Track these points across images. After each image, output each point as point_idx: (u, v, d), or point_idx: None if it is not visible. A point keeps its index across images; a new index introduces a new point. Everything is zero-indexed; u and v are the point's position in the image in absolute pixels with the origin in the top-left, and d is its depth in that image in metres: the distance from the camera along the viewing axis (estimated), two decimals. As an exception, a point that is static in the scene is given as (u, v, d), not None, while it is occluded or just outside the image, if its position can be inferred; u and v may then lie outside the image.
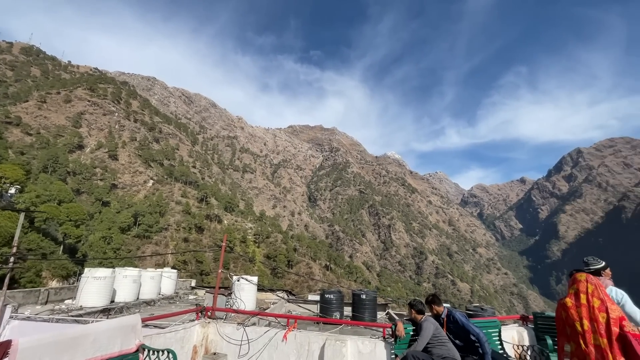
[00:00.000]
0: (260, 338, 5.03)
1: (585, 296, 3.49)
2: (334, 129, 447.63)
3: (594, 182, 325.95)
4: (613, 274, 4.17)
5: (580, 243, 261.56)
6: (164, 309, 16.43)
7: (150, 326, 5.85)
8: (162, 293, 19.75)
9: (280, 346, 4.92)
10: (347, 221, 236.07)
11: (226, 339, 5.19)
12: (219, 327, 5.29)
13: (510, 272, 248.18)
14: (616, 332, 3.21)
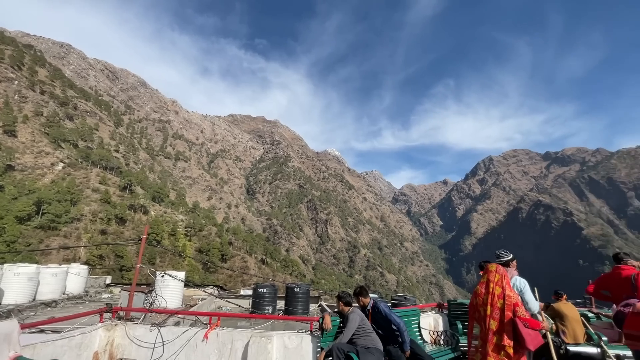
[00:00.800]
0: (177, 339, 4.57)
1: (492, 284, 3.87)
2: (276, 122, 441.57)
3: (500, 186, 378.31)
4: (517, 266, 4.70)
5: (486, 238, 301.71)
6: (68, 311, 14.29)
7: (47, 331, 4.88)
8: (68, 292, 17.17)
9: (200, 346, 4.55)
10: (285, 215, 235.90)
11: (137, 342, 4.59)
12: (129, 330, 4.66)
13: (431, 264, 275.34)
14: (509, 316, 3.62)
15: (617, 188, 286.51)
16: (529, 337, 3.52)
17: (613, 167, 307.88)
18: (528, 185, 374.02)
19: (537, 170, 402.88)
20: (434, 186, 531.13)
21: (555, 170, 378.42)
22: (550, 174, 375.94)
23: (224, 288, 23.91)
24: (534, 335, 3.60)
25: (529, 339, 3.51)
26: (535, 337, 3.60)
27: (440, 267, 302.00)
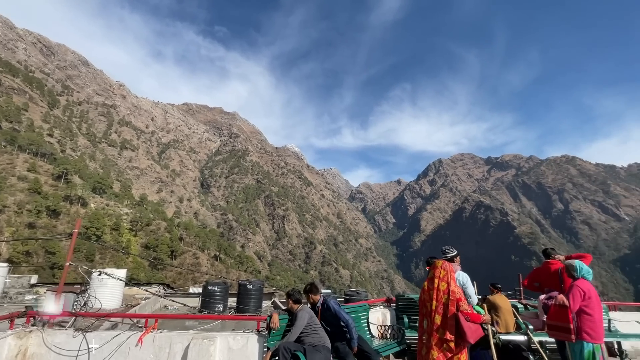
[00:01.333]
0: (106, 345, 4.09)
1: (437, 280, 3.95)
2: (235, 114, 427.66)
3: (447, 187, 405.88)
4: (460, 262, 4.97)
5: (434, 235, 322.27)
6: (-21, 315, 12.43)
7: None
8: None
9: (134, 352, 4.13)
10: (241, 210, 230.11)
11: (56, 350, 4.01)
12: (47, 337, 4.06)
13: (383, 260, 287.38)
14: (452, 311, 3.74)
15: (544, 192, 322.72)
16: (470, 331, 3.64)
17: (542, 173, 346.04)
18: (472, 187, 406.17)
19: (480, 173, 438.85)
20: (388, 185, 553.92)
21: (495, 174, 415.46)
22: (491, 178, 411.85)
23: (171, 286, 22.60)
24: (474, 328, 3.74)
25: (470, 333, 3.63)
26: (475, 330, 3.75)
27: (392, 263, 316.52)
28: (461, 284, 4.34)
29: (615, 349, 6.35)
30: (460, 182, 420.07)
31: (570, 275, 4.10)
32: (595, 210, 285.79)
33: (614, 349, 6.39)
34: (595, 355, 3.68)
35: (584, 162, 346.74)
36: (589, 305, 3.88)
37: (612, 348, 6.44)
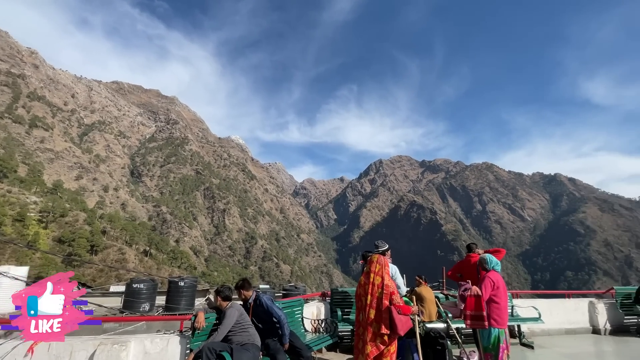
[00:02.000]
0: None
1: (373, 275, 4.00)
2: (174, 99, 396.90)
3: (386, 187, 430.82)
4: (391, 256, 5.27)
5: (371, 232, 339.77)
6: None
7: None
8: None
9: (21, 364, 3.51)
10: (177, 202, 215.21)
11: None
12: None
13: (323, 255, 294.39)
14: (385, 305, 3.80)
15: (467, 194, 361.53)
16: (400, 324, 3.75)
17: (466, 178, 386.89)
18: (407, 187, 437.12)
19: (415, 175, 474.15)
20: (332, 182, 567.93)
21: (428, 177, 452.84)
22: (424, 179, 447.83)
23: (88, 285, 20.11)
24: (404, 320, 3.84)
25: (400, 325, 3.74)
26: (405, 322, 3.85)
27: (331, 258, 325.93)
28: (391, 274, 4.67)
29: (516, 331, 7.29)
30: (398, 182, 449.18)
31: (483, 268, 4.59)
32: (506, 212, 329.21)
33: (514, 331, 7.33)
34: (500, 338, 4.13)
35: (500, 170, 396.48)
36: (497, 295, 4.29)
37: (513, 330, 7.38)
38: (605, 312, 8.35)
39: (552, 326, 7.95)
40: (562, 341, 7.37)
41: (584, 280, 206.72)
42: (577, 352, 6.52)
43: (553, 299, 8.69)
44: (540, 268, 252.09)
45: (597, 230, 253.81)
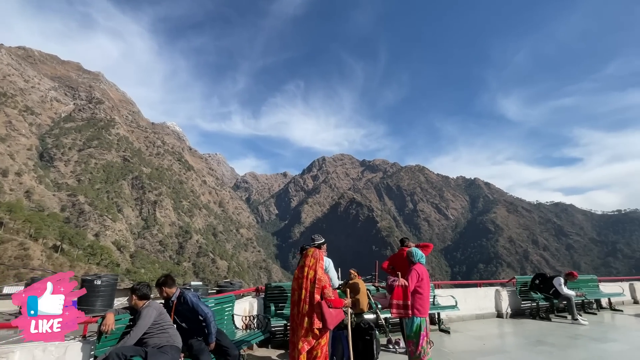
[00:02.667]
0: None
1: (307, 269, 3.98)
2: (99, 75, 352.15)
3: (328, 184, 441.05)
4: (329, 250, 5.33)
5: (312, 227, 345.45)
6: None
7: None
8: None
9: None
10: (99, 192, 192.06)
11: None
12: None
13: (263, 250, 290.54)
14: (317, 299, 3.80)
15: (401, 193, 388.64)
16: (331, 317, 3.77)
17: (401, 178, 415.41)
18: (348, 185, 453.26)
19: (355, 173, 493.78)
20: (274, 177, 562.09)
21: (367, 176, 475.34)
22: (364, 178, 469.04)
23: (-27, 286, 16.86)
24: (335, 314, 3.87)
25: (330, 319, 3.76)
26: (336, 315, 3.88)
27: (271, 253, 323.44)
28: (325, 267, 4.62)
29: (436, 318, 7.98)
30: (339, 179, 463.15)
31: (410, 260, 4.89)
32: (433, 211, 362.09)
33: (435, 318, 8.01)
34: (421, 326, 4.42)
35: (430, 172, 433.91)
36: (421, 286, 4.57)
37: (433, 318, 8.05)
38: (507, 299, 9.61)
39: (466, 312, 8.89)
40: (473, 325, 8.28)
41: (492, 272, 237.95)
42: (484, 335, 7.37)
43: (467, 289, 9.71)
44: (459, 261, 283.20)
45: (504, 228, 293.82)
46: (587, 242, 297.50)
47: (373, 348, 5.30)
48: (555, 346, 6.61)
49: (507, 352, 6.10)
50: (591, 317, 9.78)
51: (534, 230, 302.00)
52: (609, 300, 11.44)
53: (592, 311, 10.55)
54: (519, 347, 6.51)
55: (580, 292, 9.87)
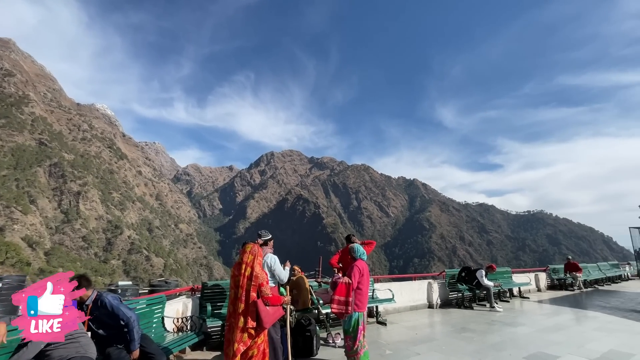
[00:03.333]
0: None
1: (244, 266, 3.83)
2: (9, 42, 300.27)
3: (275, 179, 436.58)
4: (275, 246, 5.21)
5: (258, 223, 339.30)
6: None
7: None
8: None
9: None
10: (5, 179, 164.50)
11: None
12: None
13: (204, 246, 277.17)
14: (253, 297, 3.65)
15: (347, 191, 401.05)
16: (267, 316, 3.63)
17: (347, 176, 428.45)
18: (296, 181, 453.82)
19: (303, 170, 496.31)
20: (219, 170, 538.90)
21: (315, 173, 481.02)
22: (311, 175, 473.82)
23: None
24: (272, 312, 3.73)
25: (267, 318, 3.62)
26: (273, 314, 3.75)
27: (213, 249, 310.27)
28: (269, 265, 4.48)
29: (374, 311, 8.30)
30: (287, 175, 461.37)
31: (352, 257, 4.96)
32: (376, 209, 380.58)
33: (373, 311, 8.33)
34: (359, 321, 4.50)
35: (374, 172, 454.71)
36: (361, 282, 4.65)
37: (372, 311, 8.37)
38: (438, 290, 10.42)
39: (401, 304, 9.42)
40: (407, 316, 8.80)
41: (426, 265, 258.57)
42: (417, 324, 7.88)
43: (403, 282, 10.32)
44: (397, 256, 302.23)
45: (437, 226, 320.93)
46: (503, 238, 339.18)
47: (313, 344, 5.30)
48: (476, 332, 7.31)
49: (436, 340, 6.57)
50: (505, 304, 11.07)
51: (462, 227, 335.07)
52: (519, 289, 13.08)
53: (505, 299, 11.95)
54: (446, 334, 7.06)
55: (498, 283, 11.10)
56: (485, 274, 10.62)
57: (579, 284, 15.04)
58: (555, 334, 7.07)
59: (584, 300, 12.13)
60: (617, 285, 17.14)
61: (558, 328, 7.64)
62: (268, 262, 4.66)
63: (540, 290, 14.68)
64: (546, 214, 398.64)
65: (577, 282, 15.05)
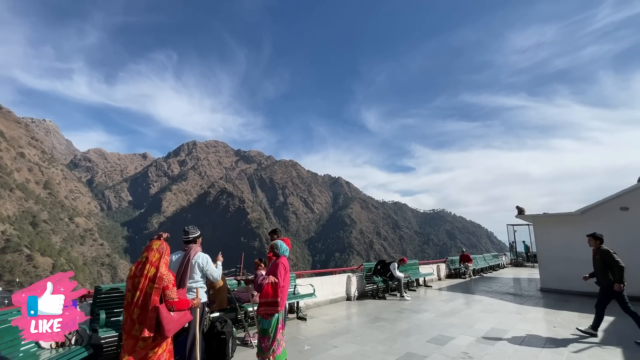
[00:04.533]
0: None
1: (148, 265, 3.32)
2: None
3: (197, 171, 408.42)
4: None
5: (175, 217, 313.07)
6: None
7: None
8: None
9: None
10: None
11: None
12: None
13: (107, 243, 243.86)
14: (154, 302, 3.14)
15: (273, 186, 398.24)
16: (170, 323, 3.16)
17: (274, 171, 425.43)
18: (220, 174, 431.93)
19: (229, 162, 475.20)
20: (130, 157, 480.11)
21: (241, 166, 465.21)
22: (237, 168, 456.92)
23: None
24: (177, 318, 3.27)
25: (169, 326, 3.15)
26: (179, 320, 3.30)
27: (119, 246, 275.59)
28: (201, 265, 4.11)
29: (295, 307, 8.27)
30: (211, 167, 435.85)
31: (274, 253, 4.75)
32: (302, 205, 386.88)
33: (294, 307, 8.29)
34: (279, 319, 4.31)
35: (301, 168, 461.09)
36: (285, 279, 4.46)
37: (293, 306, 8.32)
38: (355, 283, 10.95)
39: (322, 298, 9.61)
40: (327, 310, 9.01)
41: (346, 259, 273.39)
42: (335, 317, 8.11)
43: (324, 277, 10.56)
44: (320, 251, 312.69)
45: (357, 222, 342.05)
46: (412, 233, 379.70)
47: (227, 347, 4.95)
48: (388, 320, 7.85)
49: (352, 331, 6.83)
50: (413, 293, 12.23)
51: (379, 224, 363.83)
52: (424, 279, 14.62)
53: (413, 288, 13.22)
54: (362, 325, 7.42)
55: (407, 274, 12.19)
56: (398, 267, 11.59)
57: (469, 273, 17.61)
58: (451, 318, 8.06)
59: (473, 286, 14.21)
60: (496, 273, 20.62)
61: (453, 312, 8.73)
62: (200, 262, 4.18)
63: (440, 279, 16.72)
64: (447, 213, 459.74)
65: (469, 271, 17.61)
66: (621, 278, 6.17)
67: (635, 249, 10.43)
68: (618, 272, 6.19)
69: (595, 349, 5.72)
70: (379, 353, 5.46)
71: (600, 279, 6.56)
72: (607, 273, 6.38)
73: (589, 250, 7.03)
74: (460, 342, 6.05)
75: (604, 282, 6.48)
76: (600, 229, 11.79)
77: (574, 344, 5.98)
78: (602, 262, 6.46)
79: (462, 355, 5.37)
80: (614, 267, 6.24)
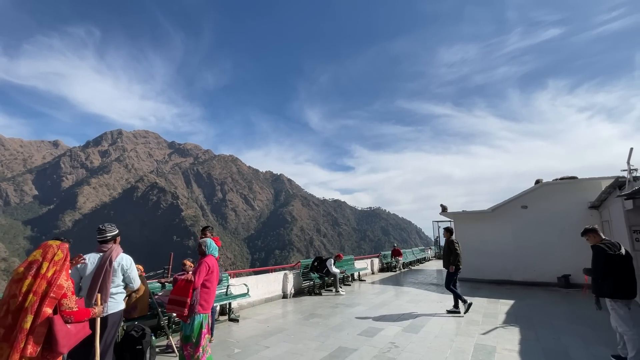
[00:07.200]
0: None
1: (48, 265, 2.76)
2: None
3: (123, 163, 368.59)
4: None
5: (93, 214, 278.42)
6: None
7: None
8: None
9: None
10: None
11: None
12: None
13: (4, 245, 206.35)
14: (47, 314, 2.61)
15: (211, 182, 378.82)
16: (65, 337, 2.63)
17: (213, 166, 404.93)
18: (150, 167, 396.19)
19: (161, 155, 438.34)
20: (37, 144, 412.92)
21: (175, 159, 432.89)
22: (171, 161, 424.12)
23: None
24: (75, 331, 2.75)
25: (64, 340, 2.61)
26: (77, 333, 2.78)
27: (20, 248, 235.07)
28: (124, 268, 3.63)
29: (227, 308, 7.87)
30: (139, 160, 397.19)
31: (202, 252, 4.41)
32: (242, 201, 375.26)
33: (226, 309, 7.89)
34: (203, 324, 3.96)
35: (242, 164, 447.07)
36: (210, 279, 4.17)
37: (224, 308, 7.91)
38: (292, 280, 10.89)
39: (257, 298, 9.34)
40: (261, 309, 8.77)
41: (286, 256, 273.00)
42: (270, 317, 7.93)
43: (260, 275, 10.29)
44: (259, 248, 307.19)
45: (298, 219, 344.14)
46: (351, 230, 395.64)
47: (144, 359, 4.46)
48: (322, 316, 7.93)
49: (286, 330, 6.74)
50: (347, 287, 12.61)
51: (319, 221, 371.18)
52: (359, 274, 15.21)
53: (348, 283, 13.65)
54: (296, 322, 7.37)
55: (343, 270, 12.54)
56: (334, 262, 11.85)
57: (400, 266, 18.87)
58: (382, 309, 8.49)
59: (402, 278, 15.25)
60: (423, 265, 22.48)
61: (384, 304, 9.21)
62: (124, 265, 3.64)
63: (374, 273, 17.60)
64: (382, 210, 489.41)
65: (399, 265, 18.86)
66: (455, 262, 7.90)
67: (534, 239, 12.47)
68: (454, 258, 7.95)
69: (500, 330, 6.53)
70: (311, 350, 5.45)
71: (445, 263, 8.20)
72: (449, 258, 8.06)
73: (498, 243, 8.19)
74: (388, 333, 6.38)
75: (446, 265, 8.15)
76: (506, 223, 13.70)
77: (482, 326, 6.76)
78: (448, 250, 8.14)
79: (389, 345, 5.66)
80: (452, 253, 7.99)
